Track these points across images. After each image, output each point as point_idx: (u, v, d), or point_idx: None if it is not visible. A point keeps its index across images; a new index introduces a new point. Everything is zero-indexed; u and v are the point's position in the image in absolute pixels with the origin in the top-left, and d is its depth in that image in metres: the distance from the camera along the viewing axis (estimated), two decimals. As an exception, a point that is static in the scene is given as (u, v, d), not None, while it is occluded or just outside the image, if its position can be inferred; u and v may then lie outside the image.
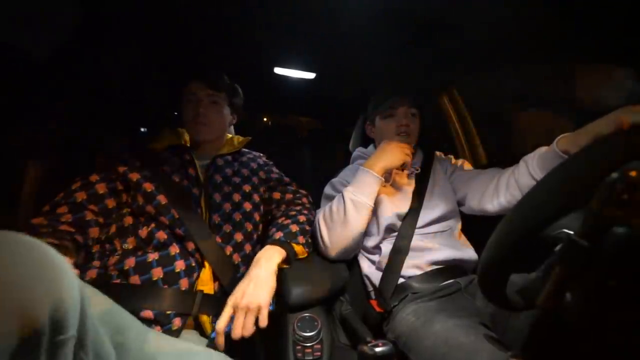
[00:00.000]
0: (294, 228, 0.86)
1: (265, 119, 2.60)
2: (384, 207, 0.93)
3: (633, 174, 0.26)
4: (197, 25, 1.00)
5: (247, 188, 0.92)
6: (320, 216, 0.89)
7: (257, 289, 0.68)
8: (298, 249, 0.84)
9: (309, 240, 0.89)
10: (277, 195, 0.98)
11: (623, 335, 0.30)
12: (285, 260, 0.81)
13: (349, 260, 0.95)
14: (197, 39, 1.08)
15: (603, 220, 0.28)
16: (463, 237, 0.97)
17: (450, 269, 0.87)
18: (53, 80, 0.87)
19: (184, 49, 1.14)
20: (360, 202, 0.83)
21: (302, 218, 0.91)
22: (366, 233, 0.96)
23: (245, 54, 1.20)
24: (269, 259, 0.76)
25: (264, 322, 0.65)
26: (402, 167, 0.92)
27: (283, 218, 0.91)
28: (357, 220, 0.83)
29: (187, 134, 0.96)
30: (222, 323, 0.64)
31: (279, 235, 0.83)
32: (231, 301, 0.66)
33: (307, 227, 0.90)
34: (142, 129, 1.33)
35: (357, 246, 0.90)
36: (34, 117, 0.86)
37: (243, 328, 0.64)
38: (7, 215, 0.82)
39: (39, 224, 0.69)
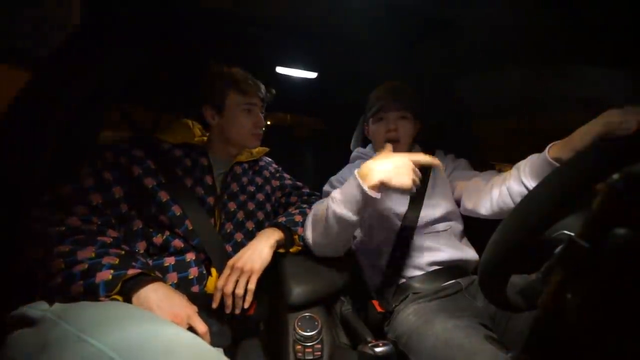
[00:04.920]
0: (298, 218, 0.89)
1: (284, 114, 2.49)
2: (384, 206, 0.93)
3: (633, 176, 0.26)
4: (198, 24, 1.00)
5: (260, 197, 0.94)
6: (311, 214, 0.86)
7: (253, 255, 0.74)
8: (295, 238, 0.86)
9: None
10: (294, 198, 1.03)
11: (624, 337, 0.30)
12: (282, 244, 0.83)
13: (350, 259, 0.95)
14: (199, 37, 1.08)
15: (604, 221, 0.28)
16: (464, 238, 0.96)
17: (451, 269, 0.87)
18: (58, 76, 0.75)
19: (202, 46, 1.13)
20: (345, 218, 0.72)
21: (309, 211, 0.92)
22: (366, 233, 0.96)
23: (247, 52, 1.20)
24: (269, 236, 0.80)
25: (252, 284, 0.71)
26: (404, 192, 0.70)
27: (292, 208, 0.95)
28: (338, 234, 0.77)
29: (196, 128, 0.92)
30: (221, 281, 0.71)
31: (282, 219, 0.87)
32: (230, 262, 0.73)
33: None
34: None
35: (341, 251, 0.87)
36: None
37: (237, 287, 0.70)
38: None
39: (77, 227, 0.63)
